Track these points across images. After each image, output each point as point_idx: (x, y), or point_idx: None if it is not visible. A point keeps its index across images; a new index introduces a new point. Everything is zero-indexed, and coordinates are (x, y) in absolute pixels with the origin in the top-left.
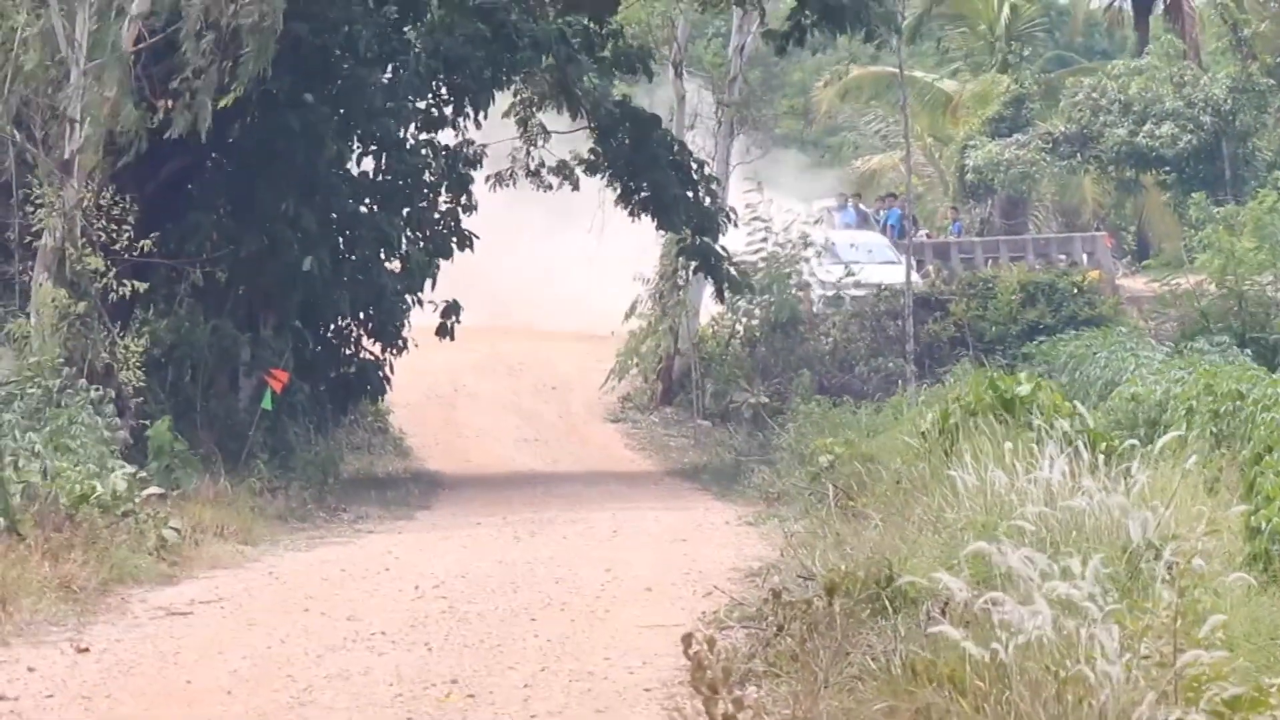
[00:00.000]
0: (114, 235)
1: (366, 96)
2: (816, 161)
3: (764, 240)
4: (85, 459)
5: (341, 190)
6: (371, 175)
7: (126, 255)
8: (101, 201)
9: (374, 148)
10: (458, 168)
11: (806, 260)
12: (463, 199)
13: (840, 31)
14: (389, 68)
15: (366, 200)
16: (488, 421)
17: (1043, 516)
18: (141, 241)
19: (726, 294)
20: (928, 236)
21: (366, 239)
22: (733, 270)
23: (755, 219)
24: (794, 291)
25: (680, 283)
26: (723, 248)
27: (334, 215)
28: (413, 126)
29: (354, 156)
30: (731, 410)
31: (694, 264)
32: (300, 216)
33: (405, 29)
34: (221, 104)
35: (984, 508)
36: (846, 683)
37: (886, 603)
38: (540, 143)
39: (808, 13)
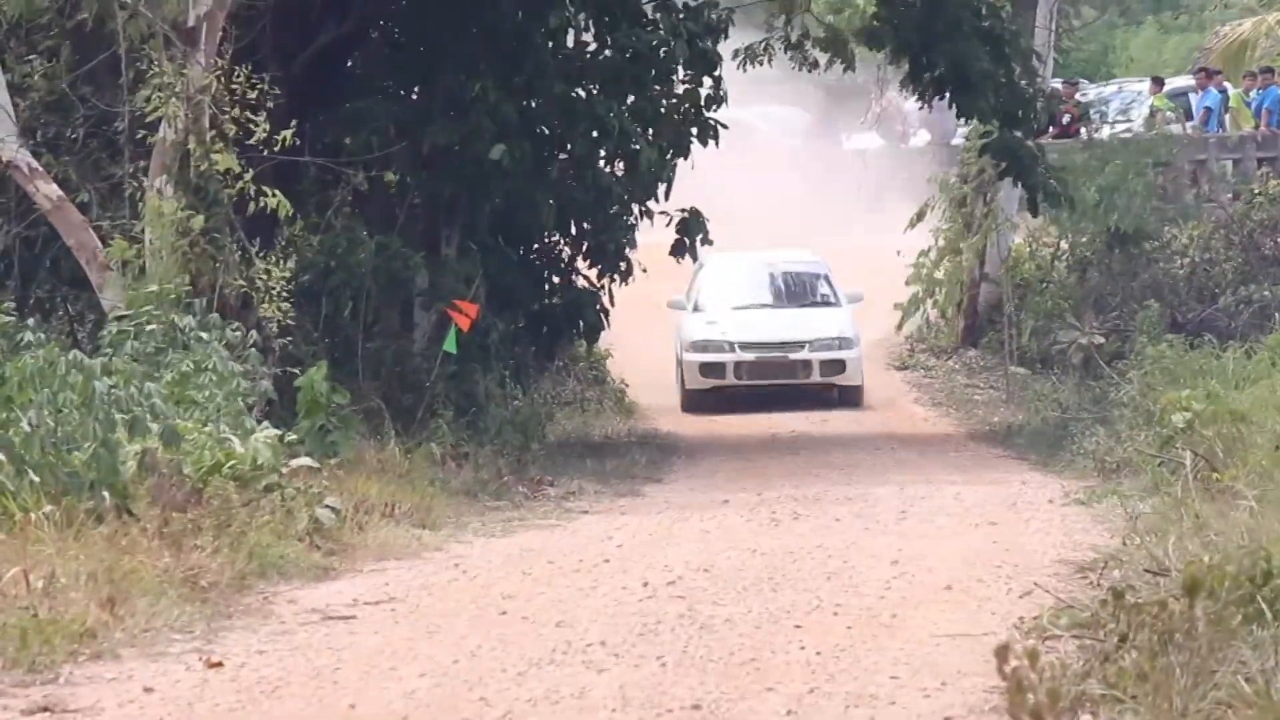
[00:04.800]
0: (251, 126)
1: None
2: (1166, 26)
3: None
4: (217, 418)
5: (550, 69)
6: (589, 51)
7: (266, 153)
8: (235, 83)
9: (590, 12)
10: (698, 40)
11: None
12: (706, 81)
13: None
14: None
15: (583, 83)
16: None
17: None
18: (281, 133)
19: (1042, 207)
20: None
21: (582, 132)
22: (1050, 177)
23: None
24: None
25: (988, 188)
26: (1038, 145)
27: (538, 101)
28: None
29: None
30: (1056, 354)
31: (1001, 165)
32: (500, 104)
33: None
34: None
35: None
36: (1212, 710)
37: (1264, 606)
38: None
39: None
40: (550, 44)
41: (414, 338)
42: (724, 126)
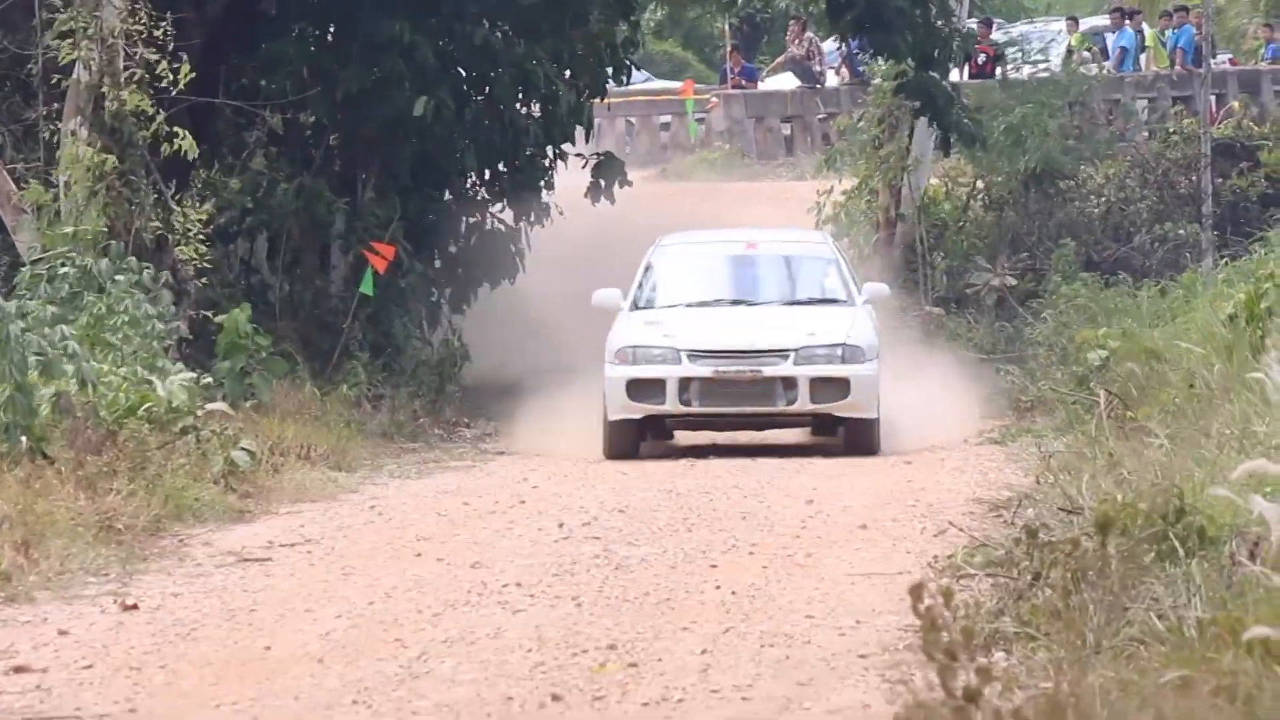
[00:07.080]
0: (160, 69)
1: None
2: None
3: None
4: (132, 360)
5: (468, 11)
6: None
7: (174, 93)
8: (142, 25)
9: None
10: None
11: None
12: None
13: None
14: None
15: (499, 24)
16: None
17: None
18: (186, 73)
19: (954, 146)
20: (1231, 63)
21: (499, 75)
22: (966, 117)
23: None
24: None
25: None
26: (952, 85)
27: (455, 43)
28: None
29: None
30: (970, 294)
31: (916, 105)
32: (415, 46)
33: None
34: None
35: None
36: (1124, 646)
37: (1177, 543)
38: None
39: None
40: None
41: (330, 279)
42: (638, 68)
